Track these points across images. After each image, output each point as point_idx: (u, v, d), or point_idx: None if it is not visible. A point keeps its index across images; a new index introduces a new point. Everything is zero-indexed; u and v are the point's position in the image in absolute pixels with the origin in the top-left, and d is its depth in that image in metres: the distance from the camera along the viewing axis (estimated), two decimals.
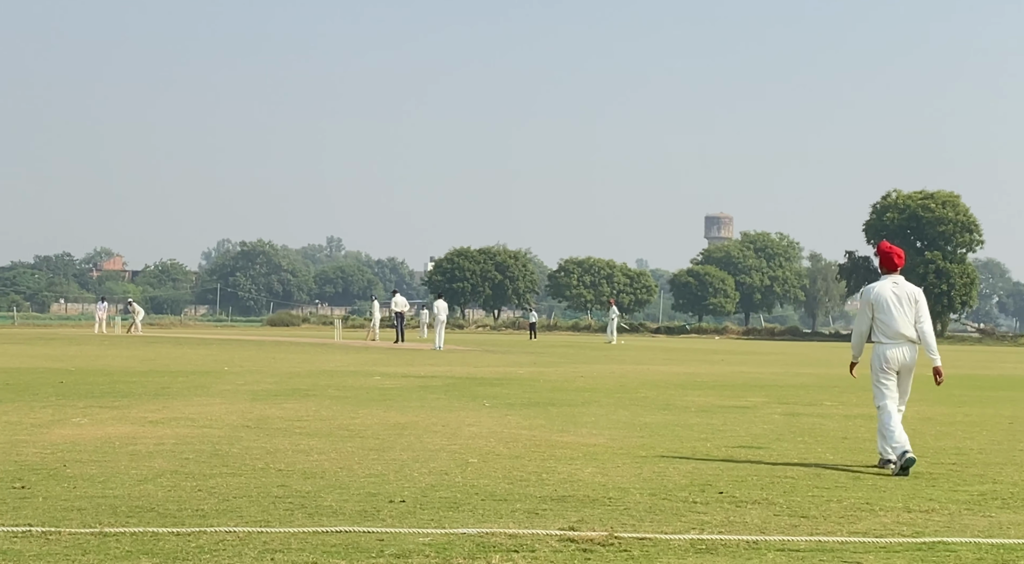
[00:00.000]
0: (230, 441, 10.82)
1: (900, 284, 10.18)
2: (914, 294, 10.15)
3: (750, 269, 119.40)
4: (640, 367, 28.51)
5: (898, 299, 10.06)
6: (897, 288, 10.14)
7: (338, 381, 20.17)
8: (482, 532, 6.59)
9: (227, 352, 33.79)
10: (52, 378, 19.82)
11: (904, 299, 10.07)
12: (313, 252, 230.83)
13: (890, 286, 10.15)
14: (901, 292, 10.11)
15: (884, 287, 10.15)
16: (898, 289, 10.13)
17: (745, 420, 13.95)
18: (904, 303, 10.06)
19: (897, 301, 10.05)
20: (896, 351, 10.00)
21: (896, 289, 10.13)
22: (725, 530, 6.83)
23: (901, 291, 10.12)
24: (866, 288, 10.35)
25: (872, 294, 10.18)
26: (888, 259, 10.28)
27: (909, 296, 10.10)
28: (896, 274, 10.27)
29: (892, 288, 10.13)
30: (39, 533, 6.41)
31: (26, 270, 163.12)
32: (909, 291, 10.14)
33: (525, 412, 14.48)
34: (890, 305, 10.03)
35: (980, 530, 6.98)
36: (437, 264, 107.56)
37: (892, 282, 10.18)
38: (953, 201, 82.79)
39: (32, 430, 11.56)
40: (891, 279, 10.21)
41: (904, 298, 10.08)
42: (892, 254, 10.27)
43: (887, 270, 10.28)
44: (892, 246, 10.35)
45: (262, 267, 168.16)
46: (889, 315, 10.02)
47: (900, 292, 10.11)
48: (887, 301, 10.05)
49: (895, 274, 10.26)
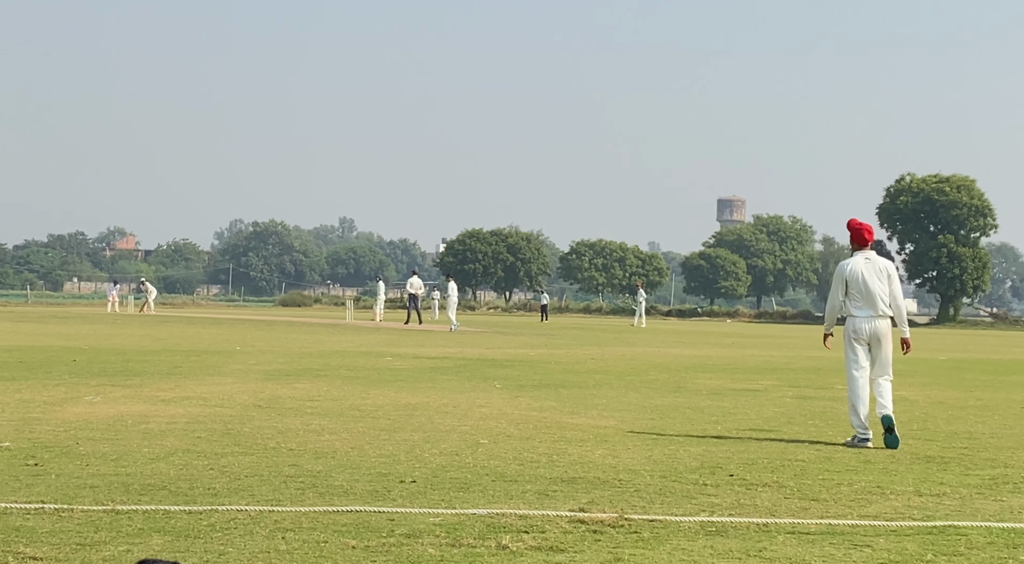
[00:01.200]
0: (242, 420, 10.85)
1: (872, 259, 10.52)
2: (887, 268, 10.52)
3: (762, 252, 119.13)
4: (651, 350, 28.50)
5: (871, 274, 10.39)
6: (870, 263, 10.47)
7: (349, 361, 20.21)
8: (492, 513, 6.60)
9: (239, 332, 33.87)
10: (65, 356, 19.89)
11: (878, 273, 10.41)
12: (325, 233, 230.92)
13: (863, 261, 10.48)
14: (874, 267, 10.45)
15: (857, 262, 10.47)
16: (871, 264, 10.47)
17: (756, 403, 13.94)
18: (878, 277, 10.39)
19: (871, 275, 10.38)
20: (867, 323, 10.34)
21: (869, 264, 10.46)
22: (735, 512, 6.84)
23: (874, 266, 10.45)
24: (841, 263, 10.68)
25: (847, 269, 10.48)
26: (859, 235, 10.60)
27: (882, 270, 10.45)
28: (867, 250, 10.60)
29: (865, 263, 10.47)
30: (52, 510, 6.44)
31: (39, 249, 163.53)
32: (881, 266, 10.49)
33: (536, 394, 14.49)
34: (864, 279, 10.36)
35: (991, 514, 6.97)
36: (449, 246, 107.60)
37: (864, 258, 10.51)
38: (968, 185, 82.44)
39: (45, 408, 11.60)
40: (863, 255, 10.54)
41: (877, 272, 10.42)
42: (862, 230, 10.60)
43: (858, 246, 10.62)
44: (861, 222, 10.69)
45: (274, 247, 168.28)
46: (863, 289, 10.35)
47: (873, 267, 10.44)
48: (861, 275, 10.38)
49: (866, 250, 10.59)
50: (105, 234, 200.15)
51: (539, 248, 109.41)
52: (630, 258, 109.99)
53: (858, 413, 10.20)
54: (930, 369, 22.21)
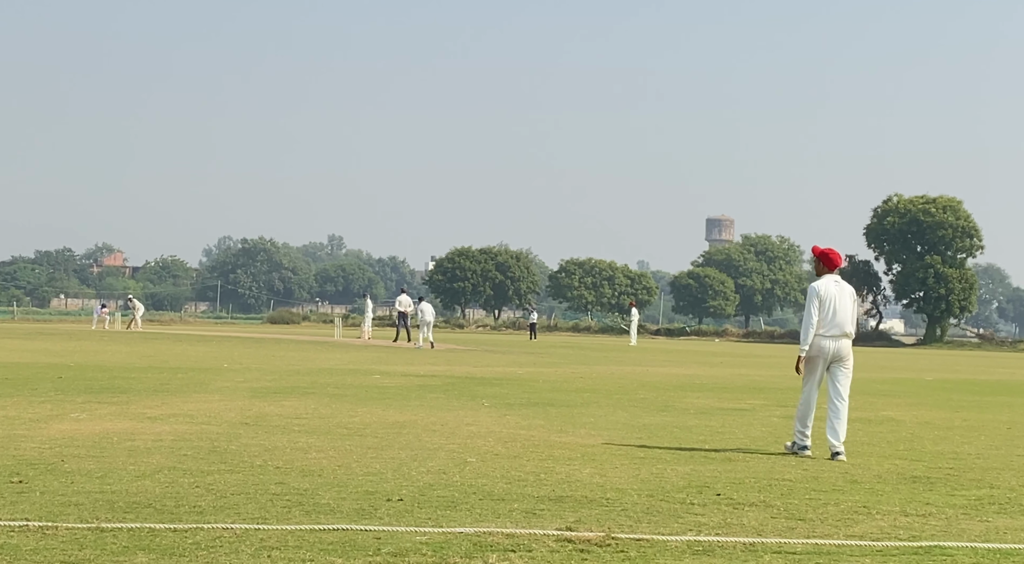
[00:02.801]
0: (228, 438, 10.82)
1: (841, 283, 11.06)
2: (852, 293, 11.11)
3: (751, 272, 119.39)
4: (640, 368, 28.51)
5: (840, 297, 10.92)
6: (839, 286, 11.01)
7: (337, 379, 20.18)
8: (479, 531, 6.59)
9: (227, 349, 33.79)
10: (51, 373, 19.82)
11: (845, 296, 10.96)
12: (314, 250, 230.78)
13: (834, 285, 10.99)
14: (842, 290, 10.98)
15: (828, 285, 10.97)
16: (840, 287, 11.00)
17: (744, 422, 13.95)
18: (846, 299, 10.94)
19: (840, 298, 10.91)
20: (833, 343, 10.86)
21: (839, 287, 10.99)
22: (722, 532, 6.84)
23: (842, 289, 10.99)
24: (813, 285, 11.08)
25: (821, 290, 10.92)
26: (827, 259, 11.15)
27: (849, 294, 11.04)
28: (835, 273, 11.13)
29: (835, 286, 10.98)
30: (36, 528, 6.41)
31: (26, 265, 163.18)
32: (849, 290, 11.07)
33: (524, 412, 14.48)
34: (835, 301, 10.87)
35: (977, 535, 6.98)
36: (438, 263, 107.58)
37: (834, 281, 11.04)
38: (954, 206, 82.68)
39: (30, 425, 11.56)
40: (832, 278, 11.06)
41: (845, 295, 10.96)
42: (831, 254, 11.16)
43: (827, 270, 11.12)
44: (829, 248, 11.23)
45: (263, 265, 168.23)
46: (832, 310, 10.85)
47: (841, 290, 10.98)
48: (833, 298, 10.88)
49: (834, 273, 11.12)
50: (92, 250, 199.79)
51: (528, 266, 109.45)
52: (619, 277, 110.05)
53: (805, 424, 10.84)
54: (917, 389, 22.25)
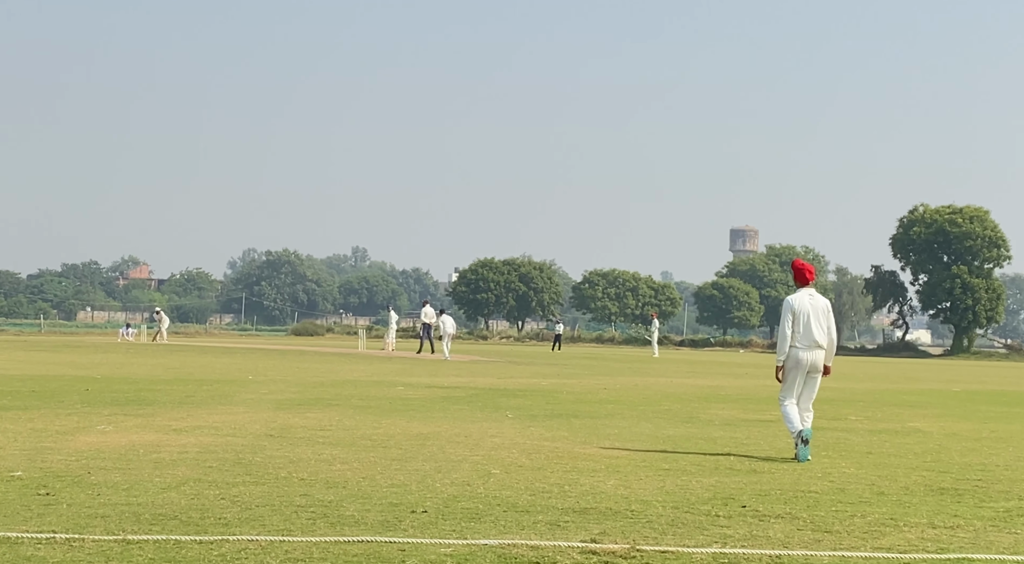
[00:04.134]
0: (253, 450, 10.84)
1: (815, 296, 11.53)
2: (826, 306, 11.57)
3: (775, 282, 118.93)
4: (664, 379, 28.43)
5: (814, 310, 11.38)
6: (813, 300, 11.46)
7: (361, 391, 20.20)
8: (504, 543, 6.58)
9: (251, 361, 33.89)
10: (78, 386, 19.93)
11: (819, 310, 11.42)
12: (338, 262, 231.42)
13: (807, 298, 11.45)
14: (816, 304, 11.44)
15: (803, 299, 11.44)
16: (814, 301, 11.46)
17: (769, 434, 13.89)
18: (819, 314, 11.39)
19: (814, 312, 11.37)
20: (808, 354, 11.31)
21: (812, 301, 11.45)
22: (748, 544, 6.80)
23: (816, 303, 11.45)
24: (788, 298, 11.52)
25: (795, 304, 11.39)
26: (801, 274, 11.62)
27: (823, 307, 11.50)
28: (809, 287, 11.58)
29: (809, 300, 11.44)
30: (63, 540, 6.44)
31: (53, 278, 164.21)
32: (823, 303, 11.55)
33: (548, 423, 14.46)
34: (808, 315, 11.33)
35: (1005, 547, 6.93)
36: (461, 275, 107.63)
37: (808, 294, 11.51)
38: (981, 216, 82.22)
39: (57, 437, 11.62)
40: (807, 292, 11.54)
41: (819, 309, 11.42)
42: (804, 270, 11.63)
43: (800, 284, 11.59)
44: (804, 262, 11.71)
45: (287, 277, 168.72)
46: (806, 324, 11.31)
47: (815, 304, 11.44)
48: (806, 312, 11.34)
49: (808, 287, 11.58)
50: (119, 263, 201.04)
51: (551, 277, 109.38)
52: (643, 288, 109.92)
53: (792, 423, 11.31)
54: (944, 400, 22.11)
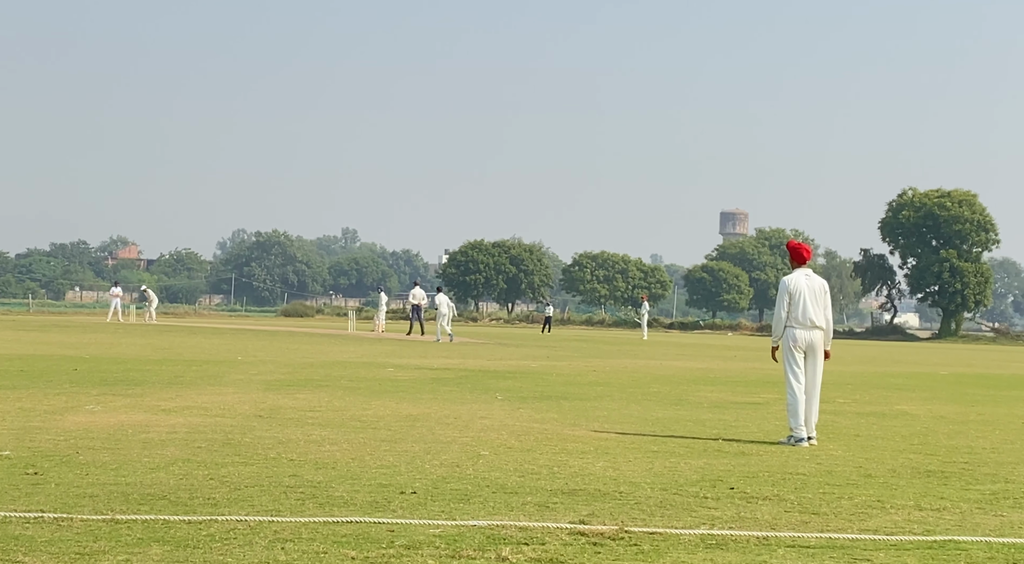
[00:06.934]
0: (242, 430, 10.85)
1: (811, 277, 11.43)
2: (823, 286, 11.46)
3: (765, 265, 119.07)
4: (653, 362, 28.49)
5: (811, 290, 11.29)
6: (809, 280, 11.36)
7: (351, 372, 20.21)
8: (492, 524, 6.59)
9: (241, 342, 33.88)
10: (66, 365, 19.90)
11: (816, 290, 11.31)
12: (328, 243, 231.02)
13: (804, 278, 11.35)
14: (813, 284, 11.34)
15: (799, 279, 11.34)
16: (810, 281, 11.36)
17: (757, 416, 13.93)
18: (816, 294, 11.30)
19: (810, 292, 11.28)
20: (805, 334, 11.24)
21: (809, 281, 11.34)
22: (735, 526, 6.83)
23: (813, 283, 11.35)
24: (784, 279, 11.46)
25: (791, 285, 11.32)
26: (798, 254, 11.54)
27: (820, 287, 11.38)
28: (806, 267, 11.51)
29: (805, 280, 11.34)
30: (51, 519, 6.44)
31: (42, 257, 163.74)
32: (819, 283, 11.43)
33: (537, 405, 14.49)
34: (804, 295, 11.24)
35: (991, 529, 6.96)
36: (451, 257, 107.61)
37: (804, 275, 11.41)
38: (970, 200, 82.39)
39: (45, 417, 11.61)
40: (803, 272, 11.45)
41: (816, 290, 11.32)
42: (801, 249, 11.55)
43: (797, 264, 11.51)
44: (799, 242, 11.64)
45: (277, 258, 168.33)
46: (803, 304, 11.23)
47: (812, 284, 11.34)
48: (802, 292, 11.26)
49: (805, 267, 11.51)
50: (107, 243, 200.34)
51: (541, 259, 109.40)
52: (632, 270, 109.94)
53: (797, 416, 11.05)
54: (932, 384, 22.19)
